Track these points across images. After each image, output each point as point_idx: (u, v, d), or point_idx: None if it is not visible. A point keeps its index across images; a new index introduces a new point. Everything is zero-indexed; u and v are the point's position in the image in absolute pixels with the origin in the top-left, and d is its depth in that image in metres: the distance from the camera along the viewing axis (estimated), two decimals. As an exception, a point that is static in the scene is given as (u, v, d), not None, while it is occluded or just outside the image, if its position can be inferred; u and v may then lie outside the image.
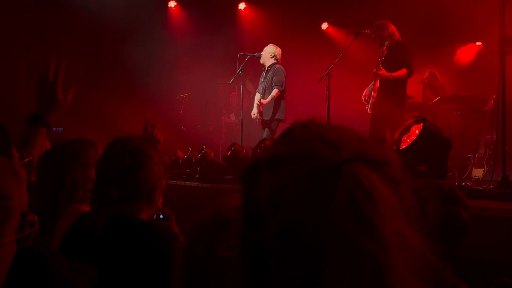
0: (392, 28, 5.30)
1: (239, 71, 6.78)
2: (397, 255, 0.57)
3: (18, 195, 0.98)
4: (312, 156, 0.62)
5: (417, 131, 3.07)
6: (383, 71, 5.06)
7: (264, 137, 6.50)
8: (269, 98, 6.59)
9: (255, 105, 6.77)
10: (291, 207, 0.59)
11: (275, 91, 6.56)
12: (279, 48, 6.88)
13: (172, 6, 10.56)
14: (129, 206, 1.64)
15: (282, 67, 6.77)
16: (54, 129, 1.98)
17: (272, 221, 0.60)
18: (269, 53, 6.80)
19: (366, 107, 5.39)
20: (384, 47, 5.09)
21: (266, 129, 6.66)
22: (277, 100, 6.64)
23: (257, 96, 6.82)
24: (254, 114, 6.78)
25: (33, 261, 1.01)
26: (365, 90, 5.45)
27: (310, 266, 0.58)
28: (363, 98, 5.48)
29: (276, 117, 6.65)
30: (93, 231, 1.57)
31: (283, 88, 6.64)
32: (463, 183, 5.06)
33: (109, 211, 1.61)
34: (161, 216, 2.01)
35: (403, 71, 5.09)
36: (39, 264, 1.01)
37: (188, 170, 6.96)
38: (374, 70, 5.18)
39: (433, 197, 1.61)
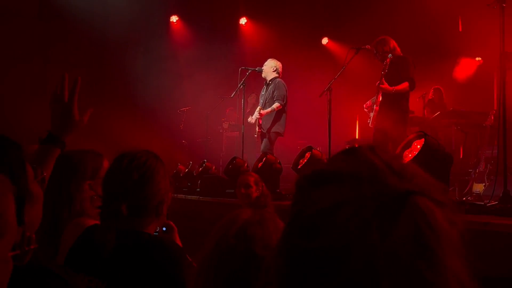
0: (393, 43, 5.34)
1: (240, 85, 6.82)
2: (452, 285, 0.58)
3: (13, 213, 0.97)
4: (378, 181, 0.61)
5: (418, 146, 3.07)
6: (385, 85, 5.08)
7: (261, 148, 6.53)
8: (269, 109, 6.64)
9: (255, 113, 6.79)
10: (346, 226, 0.59)
11: (276, 105, 6.60)
12: (279, 62, 6.96)
13: (174, 20, 10.65)
14: (137, 220, 1.64)
15: (283, 81, 6.82)
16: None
17: (323, 235, 0.60)
18: (271, 67, 6.85)
19: (368, 121, 5.40)
20: (388, 59, 5.12)
21: (265, 140, 6.68)
22: (278, 113, 6.68)
23: (258, 109, 6.86)
24: (252, 120, 6.82)
25: (51, 282, 1.01)
26: (368, 101, 5.47)
27: (362, 283, 0.57)
28: (364, 107, 5.49)
29: (274, 130, 6.68)
30: (102, 245, 1.57)
31: (284, 102, 6.69)
32: (464, 198, 5.05)
33: (118, 226, 1.61)
34: (164, 229, 2.01)
35: (405, 85, 5.12)
36: (57, 286, 1.01)
37: (189, 184, 6.97)
38: (377, 84, 5.20)
39: None
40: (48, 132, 1.74)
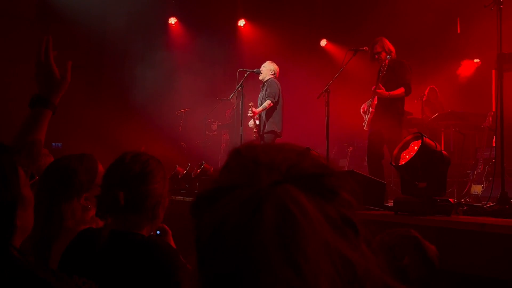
0: (390, 45, 5.34)
1: (238, 87, 6.83)
2: (324, 276, 0.57)
3: None
4: (245, 183, 0.61)
5: (416, 148, 3.07)
6: (382, 90, 5.07)
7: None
8: (261, 108, 6.75)
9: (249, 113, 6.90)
10: (233, 238, 0.59)
11: (267, 102, 6.71)
12: (276, 66, 7.06)
13: (173, 22, 10.64)
14: (132, 217, 1.64)
15: (276, 80, 6.91)
16: (53, 144, 1.94)
17: (218, 256, 0.60)
18: (270, 70, 6.96)
19: (363, 124, 5.40)
20: (386, 61, 5.12)
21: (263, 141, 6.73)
22: (269, 112, 6.76)
23: (250, 109, 6.95)
24: (251, 124, 6.89)
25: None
26: (364, 104, 5.47)
27: None
28: (361, 111, 5.49)
29: (268, 128, 6.74)
30: (95, 246, 1.57)
31: (276, 99, 6.76)
32: (462, 200, 5.06)
33: (112, 219, 1.62)
34: (158, 232, 2.00)
35: (401, 90, 5.11)
36: None
37: (187, 185, 6.96)
38: (373, 88, 5.20)
39: (406, 250, 1.53)
40: (35, 95, 1.72)
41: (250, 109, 6.77)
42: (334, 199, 0.62)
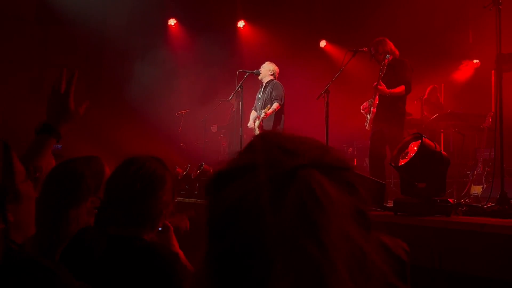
0: (391, 45, 5.34)
1: (238, 88, 6.84)
2: (341, 258, 0.58)
3: None
4: (269, 164, 0.63)
5: (415, 148, 3.07)
6: (383, 86, 5.07)
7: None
8: (271, 110, 6.75)
9: (251, 118, 6.92)
10: (249, 215, 0.60)
11: (275, 105, 6.72)
12: (276, 66, 7.10)
13: (172, 24, 10.65)
14: (132, 229, 1.61)
15: (280, 83, 6.94)
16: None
17: (231, 231, 0.61)
18: (269, 70, 6.99)
19: (365, 124, 5.40)
20: (386, 60, 5.12)
21: None
22: (277, 114, 6.79)
23: (253, 113, 6.97)
24: (251, 125, 6.89)
25: (40, 275, 1.01)
26: (365, 103, 5.47)
27: (262, 271, 0.58)
28: (361, 109, 5.49)
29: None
30: (93, 249, 1.54)
31: (282, 102, 6.81)
32: (462, 200, 5.06)
33: (111, 231, 1.58)
34: (160, 228, 1.99)
35: (401, 88, 5.11)
36: (46, 278, 1.01)
37: (186, 187, 6.95)
38: (374, 84, 5.19)
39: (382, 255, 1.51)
40: (44, 123, 1.74)
41: (263, 111, 6.77)
42: (353, 193, 0.64)
